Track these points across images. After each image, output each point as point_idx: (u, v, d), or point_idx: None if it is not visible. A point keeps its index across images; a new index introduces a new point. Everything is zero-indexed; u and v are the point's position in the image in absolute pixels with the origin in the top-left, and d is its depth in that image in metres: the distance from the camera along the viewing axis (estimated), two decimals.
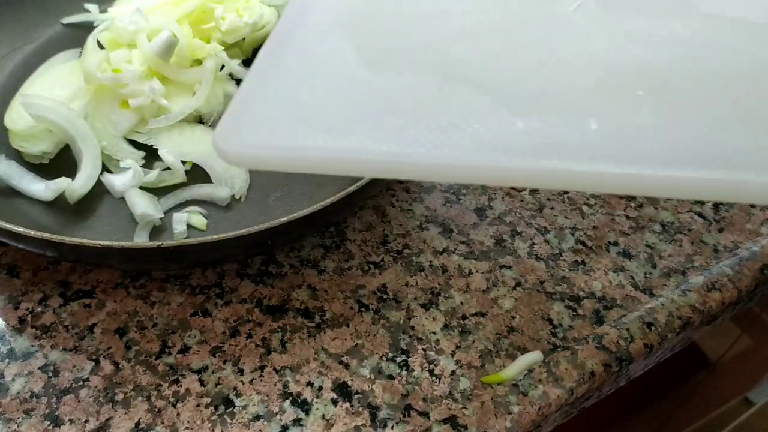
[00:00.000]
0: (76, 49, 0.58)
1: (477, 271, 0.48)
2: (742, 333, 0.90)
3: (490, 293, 0.47)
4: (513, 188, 0.54)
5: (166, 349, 0.43)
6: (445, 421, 0.41)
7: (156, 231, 0.48)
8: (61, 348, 0.43)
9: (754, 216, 0.53)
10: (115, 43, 0.54)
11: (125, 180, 0.49)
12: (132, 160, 0.50)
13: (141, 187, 0.49)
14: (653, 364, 0.49)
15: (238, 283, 0.47)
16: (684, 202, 0.54)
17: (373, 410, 0.41)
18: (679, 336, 0.47)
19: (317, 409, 0.41)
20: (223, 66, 0.55)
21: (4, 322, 0.44)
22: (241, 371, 0.42)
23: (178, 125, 0.52)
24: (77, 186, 0.48)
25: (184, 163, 0.51)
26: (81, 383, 0.41)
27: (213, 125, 0.53)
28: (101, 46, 0.56)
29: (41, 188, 0.48)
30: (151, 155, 0.51)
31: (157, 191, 0.50)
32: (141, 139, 0.52)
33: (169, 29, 0.52)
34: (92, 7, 0.62)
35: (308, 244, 0.49)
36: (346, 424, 0.41)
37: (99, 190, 0.49)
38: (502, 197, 0.53)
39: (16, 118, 0.50)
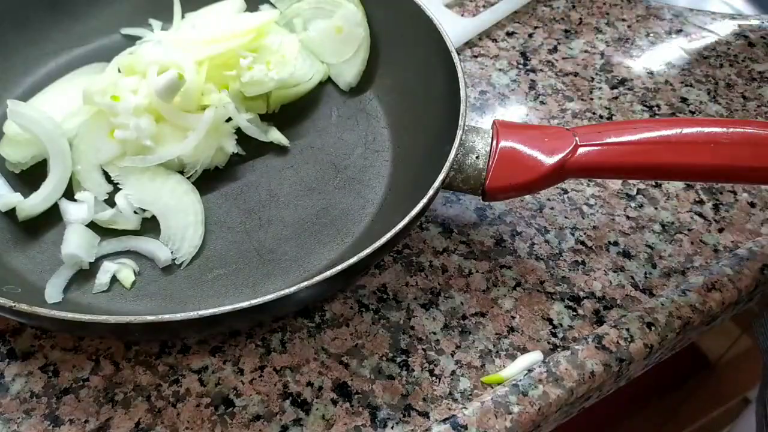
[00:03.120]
0: (108, 63, 0.55)
1: (477, 271, 0.48)
2: (742, 333, 0.90)
3: (490, 293, 0.47)
4: None
5: (166, 349, 0.43)
6: (445, 421, 0.41)
7: (83, 274, 0.45)
8: (61, 348, 0.43)
9: (754, 216, 0.53)
10: (131, 69, 0.52)
11: (79, 211, 0.46)
12: (94, 193, 0.48)
13: (92, 223, 0.47)
14: (653, 364, 0.49)
15: None
16: (684, 202, 0.54)
17: (373, 410, 0.41)
18: (679, 336, 0.47)
19: (317, 409, 0.41)
20: (230, 118, 0.51)
21: (4, 323, 0.44)
22: (241, 371, 0.42)
23: (154, 169, 0.48)
24: (28, 204, 0.46)
25: (144, 210, 0.48)
26: (81, 383, 0.41)
27: (193, 178, 0.50)
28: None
29: None
30: (117, 192, 0.48)
31: (105, 231, 0.47)
32: (112, 174, 0.49)
33: (178, 69, 0.48)
34: (155, 23, 0.59)
35: None
36: (346, 424, 0.41)
37: (56, 215, 0.47)
38: None
39: (11, 122, 0.49)
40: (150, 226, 0.48)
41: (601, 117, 0.60)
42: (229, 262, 0.46)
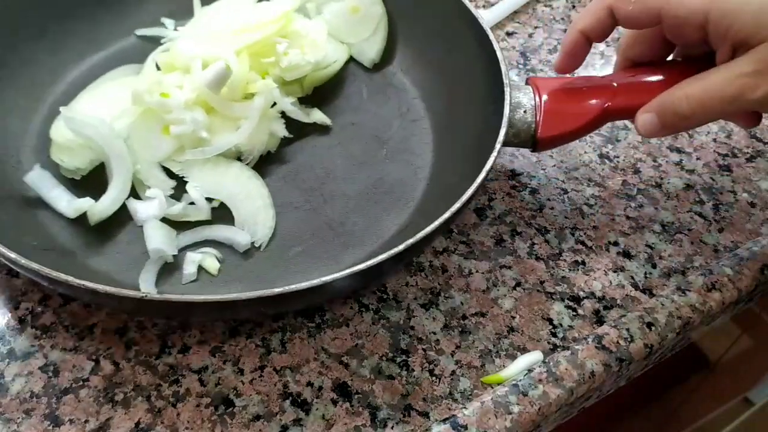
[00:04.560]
0: (136, 65, 0.56)
1: (477, 271, 0.48)
2: (742, 333, 0.90)
3: (490, 293, 0.47)
4: (513, 188, 0.54)
5: (166, 349, 0.43)
6: (445, 421, 0.41)
7: (167, 268, 0.46)
8: (61, 348, 0.43)
9: (754, 216, 0.53)
10: (171, 66, 0.52)
11: (149, 209, 0.47)
12: (159, 189, 0.48)
13: (163, 219, 0.47)
14: (653, 364, 0.49)
15: None
16: (684, 202, 0.54)
17: (373, 410, 0.41)
18: (679, 336, 0.47)
19: (317, 409, 0.41)
20: (274, 103, 0.53)
21: (4, 322, 0.44)
22: (241, 371, 0.42)
23: (214, 160, 0.50)
24: (99, 208, 0.47)
25: (211, 200, 0.49)
26: (81, 383, 0.41)
27: (251, 164, 0.51)
28: (159, 68, 0.54)
29: (65, 204, 0.47)
30: (181, 186, 0.49)
31: (178, 225, 0.48)
32: (174, 169, 0.50)
33: (225, 60, 0.49)
34: (169, 22, 0.60)
35: None
36: (346, 424, 0.41)
37: (124, 215, 0.48)
38: (502, 197, 0.53)
39: (61, 129, 0.49)
40: (218, 215, 0.49)
41: None
42: (304, 239, 0.48)
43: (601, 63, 0.64)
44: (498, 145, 0.44)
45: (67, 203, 0.47)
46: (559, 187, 0.54)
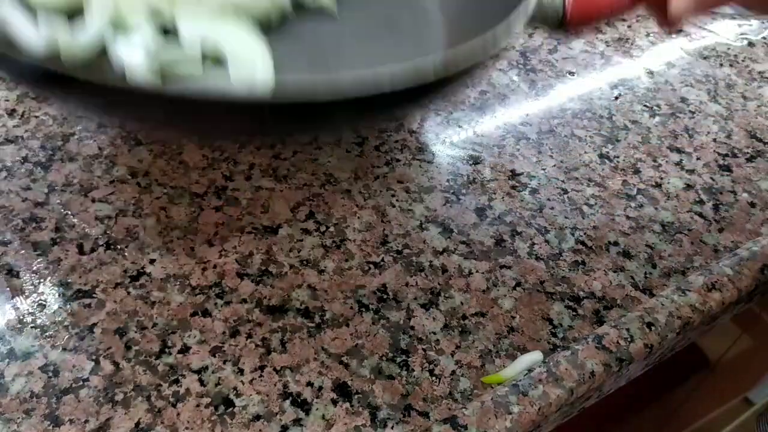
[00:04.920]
0: None
1: (477, 271, 0.48)
2: (742, 333, 0.91)
3: (490, 293, 0.47)
4: (513, 188, 0.54)
5: (166, 349, 0.43)
6: (445, 421, 0.41)
7: None
8: (61, 348, 0.43)
9: (754, 216, 0.53)
10: None
11: (134, 53, 0.41)
12: (147, 32, 0.42)
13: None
14: (653, 364, 0.49)
15: (238, 283, 0.47)
16: (684, 202, 0.54)
17: (373, 410, 0.41)
18: (679, 336, 0.47)
19: (317, 409, 0.41)
20: None
21: (4, 322, 0.44)
22: (241, 371, 0.42)
23: (210, 13, 0.45)
24: (75, 43, 0.41)
25: (205, 57, 0.44)
26: (81, 383, 0.41)
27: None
28: None
29: (35, 37, 0.41)
30: (173, 37, 0.45)
31: (163, 81, 0.42)
32: (165, 16, 0.44)
33: None
34: None
35: (308, 244, 0.49)
36: (346, 424, 0.41)
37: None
38: (502, 197, 0.53)
39: None
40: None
41: (601, 117, 0.60)
42: None
43: (601, 63, 0.65)
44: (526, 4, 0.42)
45: (38, 35, 0.41)
46: (559, 187, 0.54)
